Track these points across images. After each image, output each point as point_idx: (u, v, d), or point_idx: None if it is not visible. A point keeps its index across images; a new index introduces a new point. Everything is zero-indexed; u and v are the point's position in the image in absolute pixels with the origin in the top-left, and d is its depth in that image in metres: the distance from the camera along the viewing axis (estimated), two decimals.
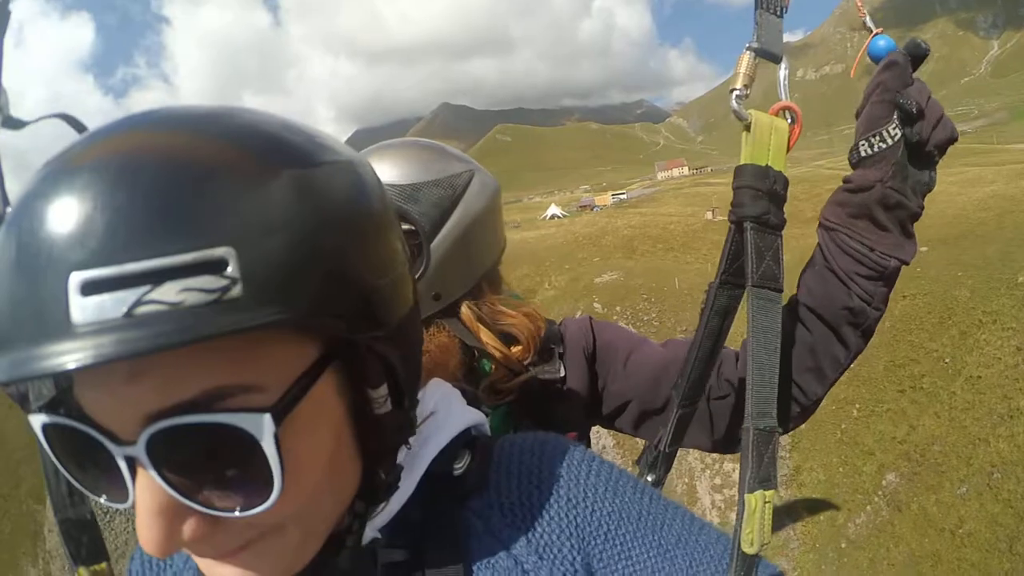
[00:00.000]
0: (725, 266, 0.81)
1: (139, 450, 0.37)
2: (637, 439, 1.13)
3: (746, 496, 0.63)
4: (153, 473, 0.38)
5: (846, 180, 0.85)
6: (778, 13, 0.76)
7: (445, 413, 0.60)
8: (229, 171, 0.36)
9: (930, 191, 0.84)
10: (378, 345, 0.44)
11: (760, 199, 0.73)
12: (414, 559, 0.52)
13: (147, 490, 0.38)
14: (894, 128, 0.80)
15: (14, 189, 0.86)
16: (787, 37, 0.73)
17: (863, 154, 0.83)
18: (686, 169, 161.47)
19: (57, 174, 0.35)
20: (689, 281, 17.99)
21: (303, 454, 0.41)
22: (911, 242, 0.85)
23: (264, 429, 0.38)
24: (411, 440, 0.54)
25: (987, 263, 15.71)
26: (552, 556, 0.54)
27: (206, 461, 0.39)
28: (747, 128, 0.74)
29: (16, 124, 0.93)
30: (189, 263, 0.33)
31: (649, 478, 1.00)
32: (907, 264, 0.85)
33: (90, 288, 0.33)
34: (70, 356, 0.32)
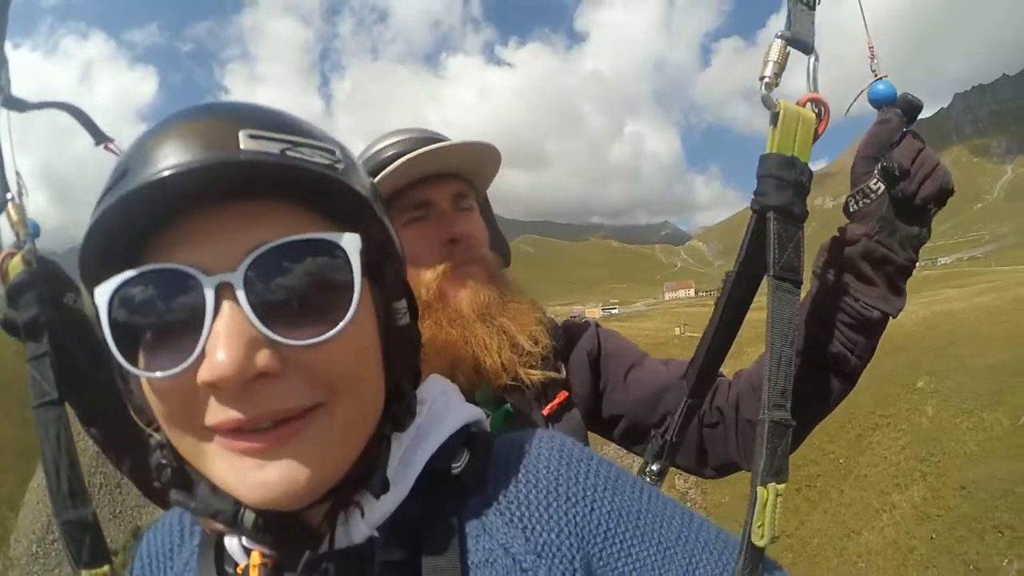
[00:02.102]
0: (745, 256, 0.77)
1: (237, 276, 0.44)
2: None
3: (758, 488, 0.61)
4: (242, 297, 0.44)
5: (839, 231, 0.86)
6: (811, 5, 0.75)
7: (444, 407, 0.62)
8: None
9: (923, 244, 0.82)
10: (399, 265, 0.57)
11: (784, 189, 0.69)
12: (411, 558, 0.53)
13: (230, 318, 0.44)
14: (875, 183, 0.81)
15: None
16: (812, 166, 0.72)
17: (851, 209, 0.84)
18: (692, 291, 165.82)
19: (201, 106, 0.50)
20: None
21: (361, 309, 0.49)
22: (899, 295, 0.84)
23: (353, 244, 0.48)
24: (408, 432, 0.57)
25: (895, 370, 16.70)
26: (551, 555, 0.54)
27: (294, 284, 0.46)
28: (774, 119, 0.71)
29: (18, 105, 0.91)
30: (316, 144, 0.49)
31: (654, 467, 0.99)
32: (893, 317, 0.84)
33: (254, 137, 0.46)
34: (239, 157, 0.44)
